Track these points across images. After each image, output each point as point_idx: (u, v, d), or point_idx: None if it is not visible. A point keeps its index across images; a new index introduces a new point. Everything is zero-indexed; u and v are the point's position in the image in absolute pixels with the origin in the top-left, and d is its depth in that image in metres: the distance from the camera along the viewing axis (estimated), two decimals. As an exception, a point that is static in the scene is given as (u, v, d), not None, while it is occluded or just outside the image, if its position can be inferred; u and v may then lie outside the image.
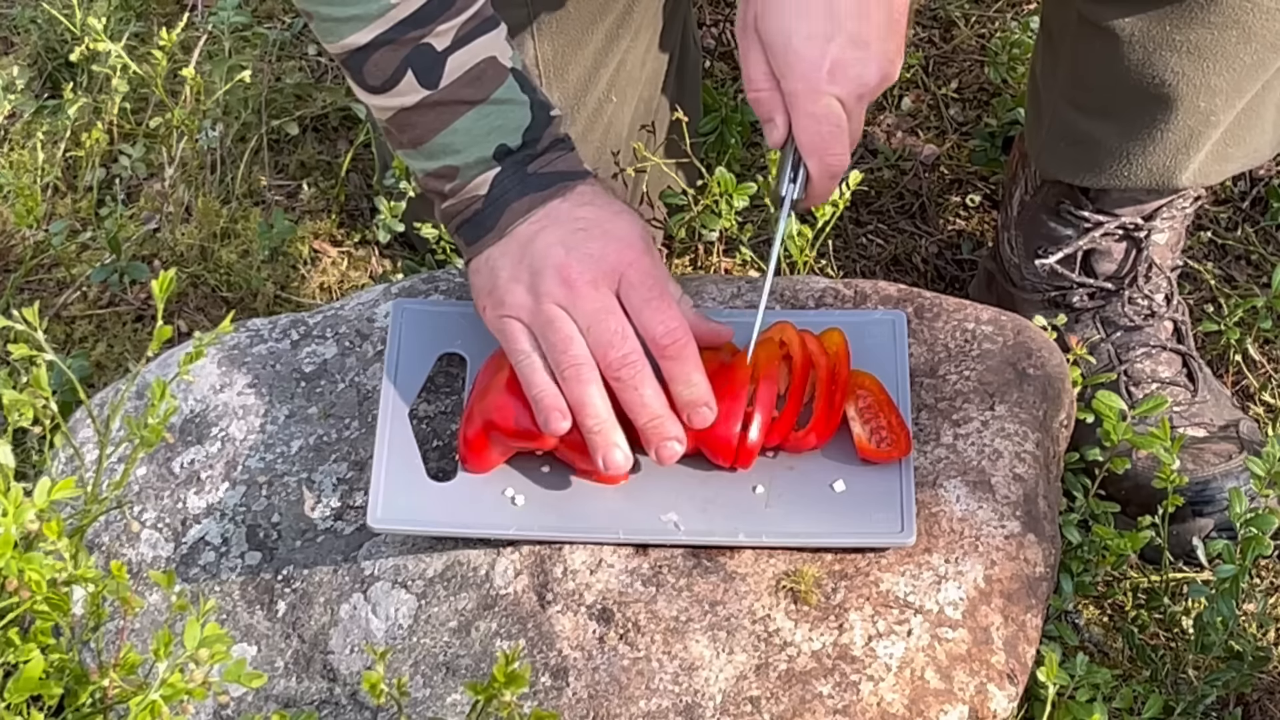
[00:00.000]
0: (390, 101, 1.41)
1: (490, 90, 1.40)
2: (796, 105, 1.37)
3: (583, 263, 1.35)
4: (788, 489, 1.41)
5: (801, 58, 1.35)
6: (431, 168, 1.42)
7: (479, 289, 1.41)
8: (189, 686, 1.12)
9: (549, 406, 1.35)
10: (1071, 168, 1.75)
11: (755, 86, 1.39)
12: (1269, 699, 1.59)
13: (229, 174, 2.05)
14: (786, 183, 1.40)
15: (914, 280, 2.01)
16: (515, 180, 1.40)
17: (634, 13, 1.81)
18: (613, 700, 1.33)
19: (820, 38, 1.35)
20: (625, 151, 1.88)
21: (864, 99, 1.37)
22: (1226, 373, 1.90)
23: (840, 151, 1.37)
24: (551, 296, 1.35)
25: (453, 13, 1.39)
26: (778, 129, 1.39)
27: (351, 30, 1.39)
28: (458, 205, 1.42)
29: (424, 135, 1.41)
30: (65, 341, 1.93)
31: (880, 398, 1.42)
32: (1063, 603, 1.57)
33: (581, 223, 1.38)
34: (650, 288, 1.36)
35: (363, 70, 1.40)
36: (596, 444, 1.35)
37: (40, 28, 2.21)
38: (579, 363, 1.34)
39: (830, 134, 1.36)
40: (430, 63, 1.39)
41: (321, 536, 1.43)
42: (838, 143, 1.37)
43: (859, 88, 1.36)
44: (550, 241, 1.37)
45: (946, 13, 2.27)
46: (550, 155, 1.42)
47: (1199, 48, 1.60)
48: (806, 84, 1.35)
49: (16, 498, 1.13)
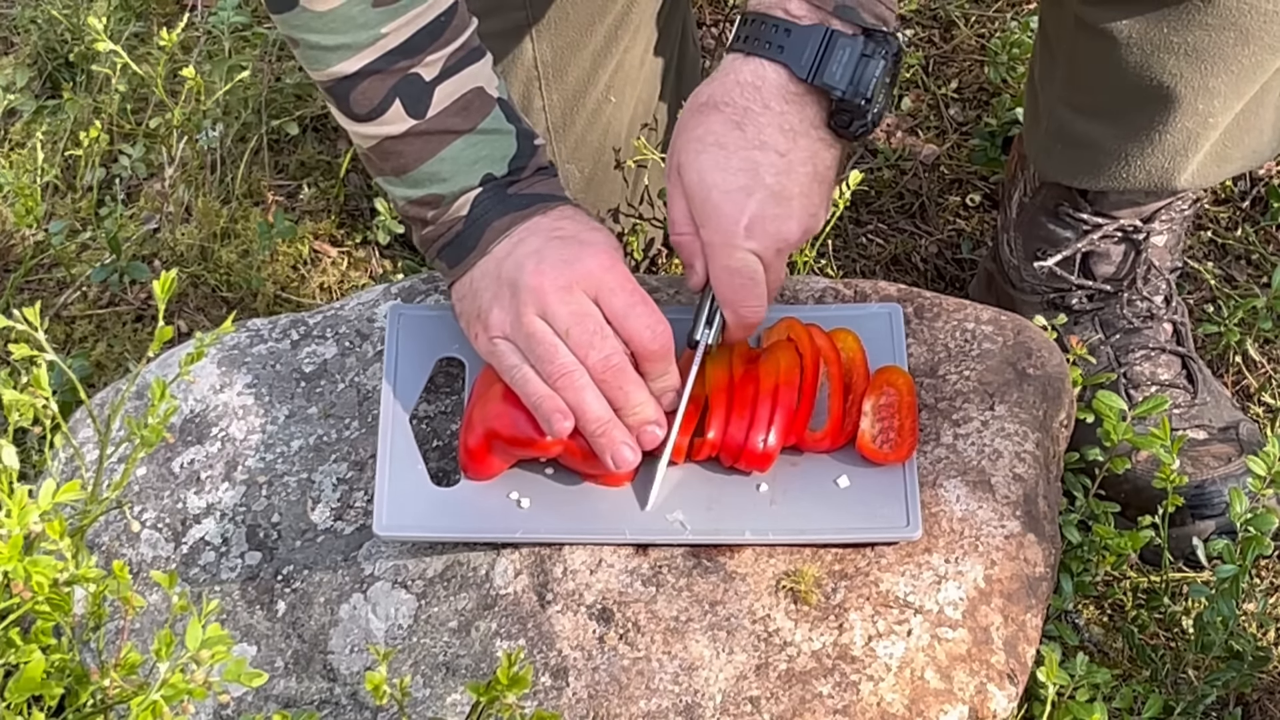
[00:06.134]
0: (376, 130, 1.40)
1: (477, 120, 1.41)
2: (713, 257, 1.38)
3: (556, 268, 1.36)
4: (792, 486, 1.41)
5: (719, 211, 1.36)
6: (415, 195, 1.42)
7: (467, 315, 1.41)
8: (190, 686, 1.12)
9: (550, 410, 1.35)
10: (1070, 170, 1.75)
11: (677, 230, 1.40)
12: (1269, 699, 1.59)
13: (229, 174, 2.06)
14: (702, 328, 1.41)
15: (914, 280, 2.01)
16: (495, 201, 1.41)
17: (633, 13, 1.81)
18: (613, 700, 1.33)
19: (739, 192, 1.36)
20: (625, 151, 1.89)
21: (783, 253, 1.38)
22: (1226, 373, 1.91)
23: (754, 304, 1.38)
24: (529, 308, 1.35)
25: (441, 43, 1.39)
26: (697, 274, 1.41)
27: (340, 59, 1.38)
28: (438, 230, 1.42)
29: (409, 164, 1.41)
30: (65, 341, 1.93)
31: (906, 399, 1.42)
32: (1063, 603, 1.57)
33: (558, 232, 1.39)
34: (630, 293, 1.36)
35: (349, 99, 1.40)
36: (603, 445, 1.35)
37: (40, 28, 2.21)
38: (568, 370, 1.34)
39: (743, 287, 1.37)
40: (418, 92, 1.39)
41: (321, 536, 1.43)
42: (751, 296, 1.38)
43: (778, 242, 1.37)
44: (526, 252, 1.37)
45: (946, 13, 2.27)
46: (532, 179, 1.42)
47: (1197, 50, 1.60)
48: (723, 237, 1.36)
49: (21, 499, 1.13)
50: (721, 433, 1.40)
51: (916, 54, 2.21)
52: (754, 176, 1.36)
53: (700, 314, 1.42)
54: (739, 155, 1.36)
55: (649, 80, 1.89)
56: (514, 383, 1.37)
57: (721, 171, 1.36)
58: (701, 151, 1.37)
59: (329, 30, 1.37)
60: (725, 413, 1.40)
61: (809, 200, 1.38)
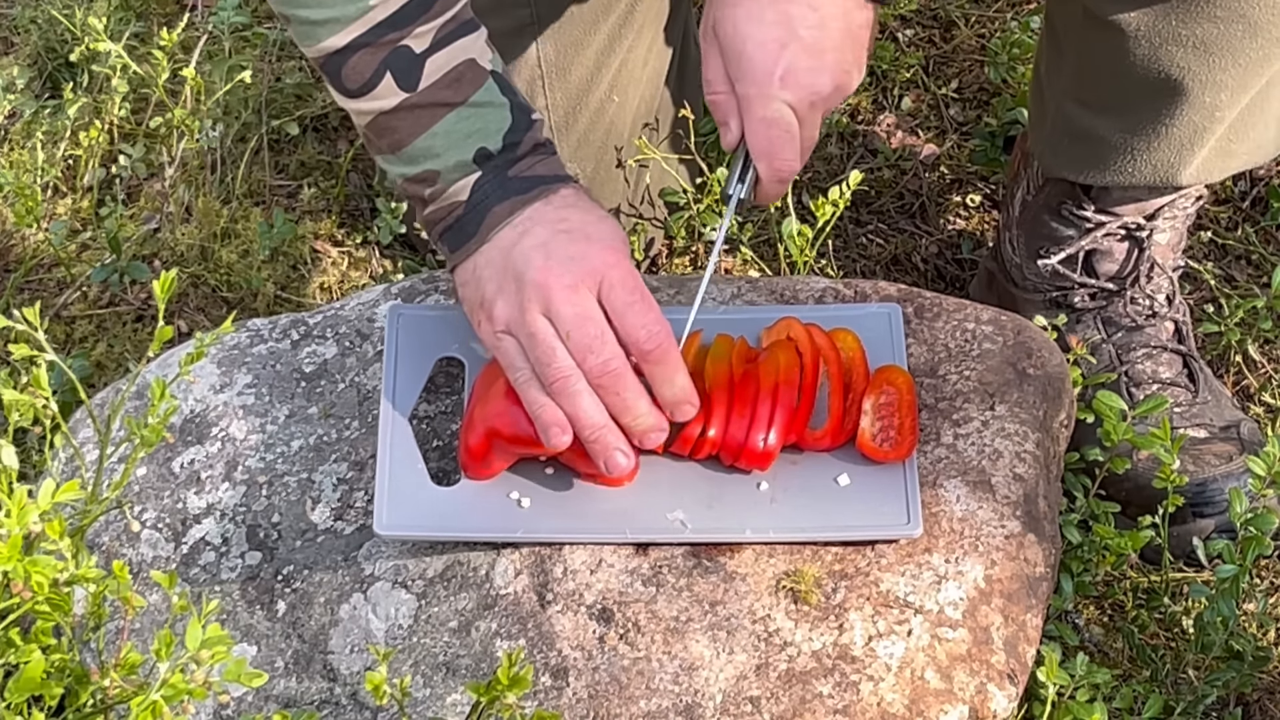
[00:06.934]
0: (369, 105, 1.40)
1: (469, 92, 1.40)
2: (748, 109, 1.39)
3: (563, 265, 1.35)
4: (792, 484, 1.41)
5: (754, 63, 1.37)
6: (411, 173, 1.42)
7: (470, 302, 1.41)
8: (190, 686, 1.11)
9: (549, 422, 1.35)
10: (1075, 164, 1.75)
11: (712, 89, 1.41)
12: (1269, 699, 1.59)
13: (229, 174, 2.05)
14: (735, 182, 1.42)
15: (914, 280, 2.01)
16: (496, 184, 1.40)
17: (636, 13, 1.81)
18: (613, 700, 1.33)
19: (774, 44, 1.37)
20: (627, 150, 1.89)
21: (816, 106, 1.39)
22: (1227, 373, 1.91)
23: (789, 156, 1.39)
24: (534, 305, 1.35)
25: (431, 15, 1.39)
26: (731, 132, 1.41)
27: (329, 33, 1.38)
28: (439, 212, 1.42)
29: (403, 139, 1.41)
30: (65, 341, 1.93)
31: (905, 398, 1.42)
32: (1063, 603, 1.57)
33: (564, 224, 1.38)
34: (631, 290, 1.36)
35: (341, 74, 1.40)
36: (596, 451, 1.35)
37: (40, 28, 2.21)
38: (565, 375, 1.34)
39: (779, 138, 1.38)
40: (409, 65, 1.39)
41: (321, 536, 1.43)
42: (787, 147, 1.39)
43: (811, 95, 1.38)
44: (532, 245, 1.37)
45: (946, 13, 2.27)
46: (531, 159, 1.41)
47: (1205, 42, 1.60)
48: (758, 89, 1.38)
49: (20, 500, 1.13)
50: (722, 431, 1.40)
51: (916, 54, 2.21)
52: (788, 29, 1.37)
53: (734, 170, 1.42)
54: (773, 8, 1.37)
55: (652, 80, 1.89)
56: (516, 385, 1.37)
57: (756, 24, 1.37)
58: (737, 4, 1.38)
59: (318, 4, 1.37)
60: (726, 411, 1.40)
61: (842, 56, 1.39)
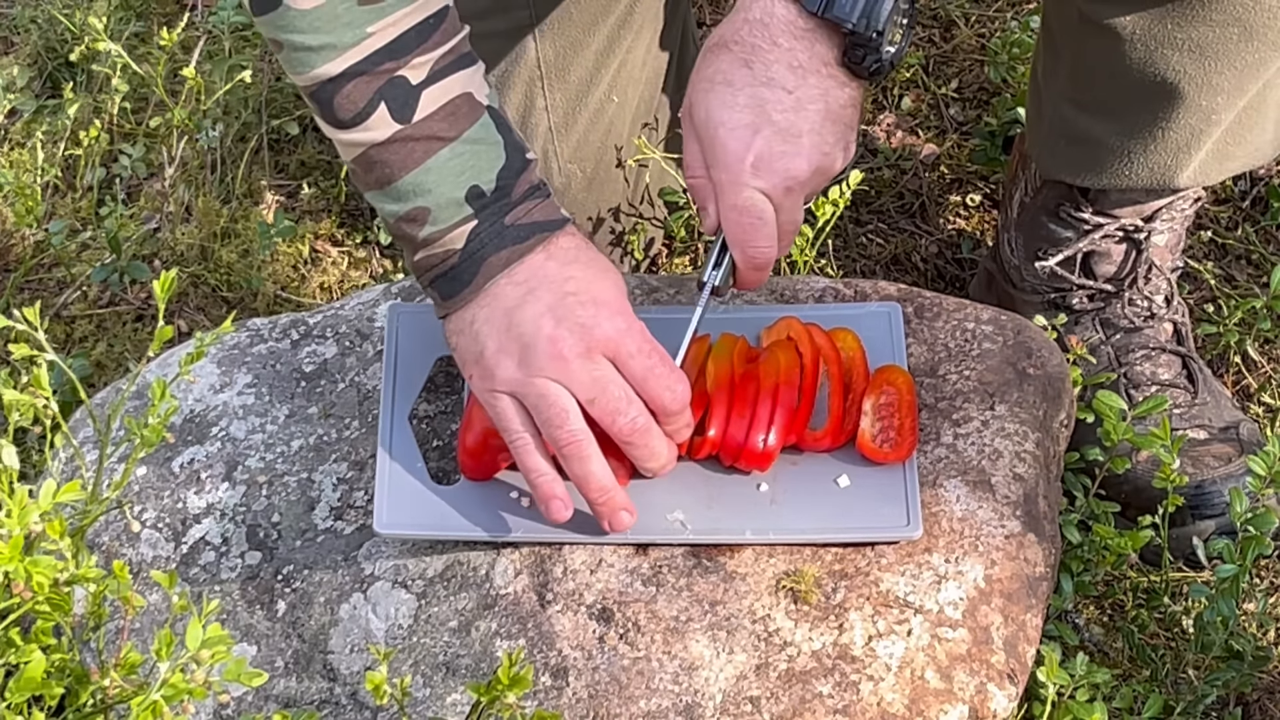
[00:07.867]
0: (360, 136, 1.36)
1: (465, 127, 1.36)
2: (722, 196, 1.37)
3: (574, 333, 1.33)
4: (792, 485, 1.41)
5: (726, 149, 1.36)
6: (401, 210, 1.37)
7: (464, 354, 1.37)
8: (190, 686, 1.12)
9: (548, 494, 1.34)
10: (1072, 167, 1.75)
11: (691, 173, 1.40)
12: (1269, 699, 1.59)
13: (229, 174, 2.06)
14: (710, 269, 1.40)
15: (914, 280, 2.01)
16: (493, 233, 1.36)
17: (635, 13, 1.81)
18: (613, 700, 1.33)
19: (745, 129, 1.35)
20: (627, 150, 1.89)
21: (793, 191, 1.37)
22: (1226, 373, 1.91)
23: (763, 244, 1.37)
24: (544, 371, 1.33)
25: (429, 46, 1.35)
26: (710, 217, 1.40)
27: (324, 59, 1.34)
28: (432, 259, 1.37)
29: (394, 174, 1.36)
30: (65, 341, 1.93)
31: (905, 399, 1.42)
32: (1063, 603, 1.57)
33: (570, 285, 1.35)
34: (649, 355, 1.34)
35: (333, 102, 1.35)
36: (602, 513, 1.35)
37: (40, 28, 2.21)
38: (578, 439, 1.33)
39: (751, 226, 1.37)
40: (404, 96, 1.34)
41: (321, 536, 1.43)
42: (760, 235, 1.37)
43: (786, 180, 1.36)
44: (539, 311, 1.34)
45: (946, 13, 2.27)
46: (528, 204, 1.37)
47: (1201, 46, 1.60)
48: (730, 175, 1.36)
49: (21, 499, 1.13)
50: (722, 432, 1.40)
51: (917, 54, 2.21)
52: (761, 114, 1.35)
53: (711, 255, 1.41)
54: (745, 92, 1.35)
55: (651, 80, 1.89)
56: (513, 448, 1.35)
57: (728, 109, 1.35)
58: (710, 90, 1.36)
59: (313, 29, 1.33)
60: (725, 412, 1.40)
61: (820, 139, 1.36)
